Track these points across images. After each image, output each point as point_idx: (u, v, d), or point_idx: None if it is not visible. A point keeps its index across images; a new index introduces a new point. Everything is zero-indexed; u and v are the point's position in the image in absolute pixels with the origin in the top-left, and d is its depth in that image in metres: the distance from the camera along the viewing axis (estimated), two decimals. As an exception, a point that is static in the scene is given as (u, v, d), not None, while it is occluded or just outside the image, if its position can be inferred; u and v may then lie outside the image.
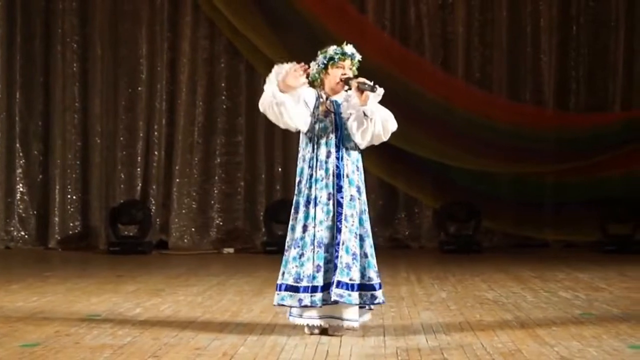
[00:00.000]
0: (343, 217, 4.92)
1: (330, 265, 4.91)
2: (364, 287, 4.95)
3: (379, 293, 4.98)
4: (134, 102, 10.88)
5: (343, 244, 4.89)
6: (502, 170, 10.59)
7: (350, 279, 4.88)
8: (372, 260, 4.99)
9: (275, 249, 9.29)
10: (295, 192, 5.07)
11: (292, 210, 5.06)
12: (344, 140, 5.03)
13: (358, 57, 5.12)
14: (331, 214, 4.94)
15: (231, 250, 10.58)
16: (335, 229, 4.92)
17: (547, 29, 10.77)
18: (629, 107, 10.70)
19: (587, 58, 10.80)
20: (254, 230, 10.82)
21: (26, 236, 10.86)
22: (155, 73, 10.87)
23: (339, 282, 4.85)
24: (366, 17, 10.78)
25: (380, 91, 4.95)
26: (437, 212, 10.67)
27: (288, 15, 10.53)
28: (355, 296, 4.89)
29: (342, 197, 4.96)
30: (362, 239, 4.98)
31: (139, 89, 10.87)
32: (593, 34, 10.79)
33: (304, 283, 4.90)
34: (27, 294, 6.73)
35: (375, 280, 4.97)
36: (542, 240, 10.69)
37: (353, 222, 4.95)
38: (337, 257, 4.87)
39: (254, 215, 10.84)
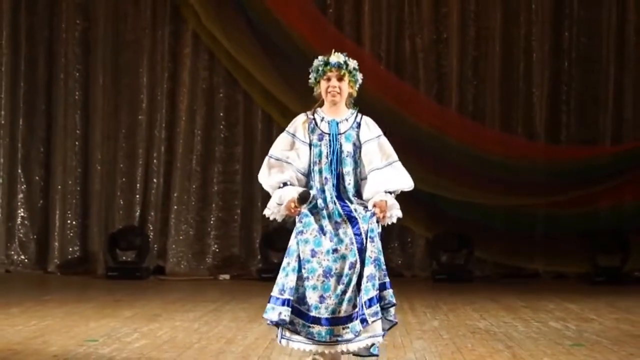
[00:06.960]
0: (363, 236, 4.44)
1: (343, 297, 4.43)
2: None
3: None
4: (134, 130, 11.01)
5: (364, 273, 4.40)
6: (494, 201, 10.70)
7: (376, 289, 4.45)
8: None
9: (270, 275, 9.36)
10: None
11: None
12: (341, 164, 4.56)
13: (352, 64, 4.62)
14: (344, 242, 4.46)
15: (227, 276, 10.68)
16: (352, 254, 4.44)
17: (539, 63, 10.92)
18: (619, 140, 10.84)
19: (578, 92, 10.94)
20: (250, 257, 10.91)
21: (26, 260, 10.94)
22: (155, 102, 11.01)
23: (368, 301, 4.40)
24: (363, 50, 10.93)
25: (396, 213, 4.52)
26: (429, 241, 10.77)
27: (285, 47, 10.69)
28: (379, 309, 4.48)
29: (350, 213, 4.49)
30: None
31: (139, 117, 10.99)
32: (584, 68, 10.94)
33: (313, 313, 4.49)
34: (26, 318, 6.82)
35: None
36: (532, 270, 10.76)
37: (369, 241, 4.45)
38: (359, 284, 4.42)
39: (250, 243, 10.93)
